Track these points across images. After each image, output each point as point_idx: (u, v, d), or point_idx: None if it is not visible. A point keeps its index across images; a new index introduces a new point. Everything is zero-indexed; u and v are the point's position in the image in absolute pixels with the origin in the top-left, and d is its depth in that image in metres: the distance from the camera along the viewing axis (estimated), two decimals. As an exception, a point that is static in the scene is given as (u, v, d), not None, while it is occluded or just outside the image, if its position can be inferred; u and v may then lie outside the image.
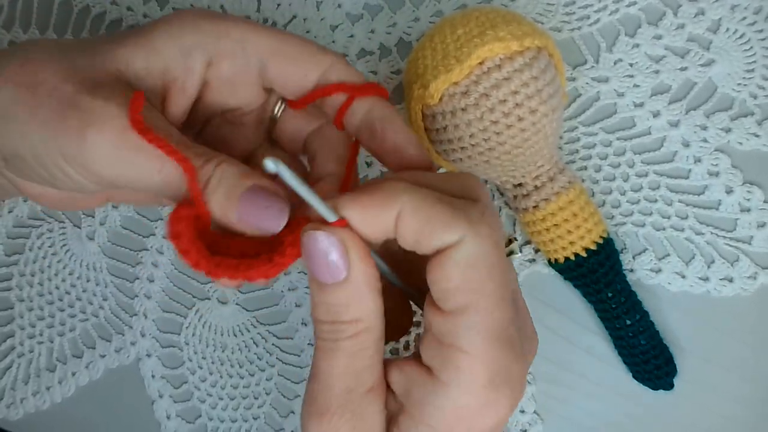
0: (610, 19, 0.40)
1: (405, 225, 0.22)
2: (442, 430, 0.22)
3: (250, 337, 0.41)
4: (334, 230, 0.22)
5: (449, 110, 0.32)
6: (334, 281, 0.22)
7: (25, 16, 0.46)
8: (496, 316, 0.22)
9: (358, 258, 0.22)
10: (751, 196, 0.37)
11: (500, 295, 0.22)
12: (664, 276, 0.38)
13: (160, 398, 0.41)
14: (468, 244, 0.21)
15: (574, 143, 0.39)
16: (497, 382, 0.22)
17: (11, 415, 0.42)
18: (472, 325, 0.22)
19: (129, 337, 0.41)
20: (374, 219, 0.22)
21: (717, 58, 0.38)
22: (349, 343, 0.23)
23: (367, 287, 0.23)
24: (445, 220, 0.22)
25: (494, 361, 0.22)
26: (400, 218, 0.22)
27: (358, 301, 0.23)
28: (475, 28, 0.32)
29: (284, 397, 0.40)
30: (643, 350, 0.36)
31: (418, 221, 0.22)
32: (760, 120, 0.38)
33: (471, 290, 0.22)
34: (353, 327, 0.23)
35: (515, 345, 0.23)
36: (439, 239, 0.22)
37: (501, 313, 0.22)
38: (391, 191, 0.22)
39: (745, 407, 0.37)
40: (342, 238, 0.22)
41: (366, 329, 0.23)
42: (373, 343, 0.23)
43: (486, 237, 0.22)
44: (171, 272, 0.42)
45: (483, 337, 0.22)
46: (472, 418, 0.22)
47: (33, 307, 0.42)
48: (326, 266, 0.22)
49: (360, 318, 0.23)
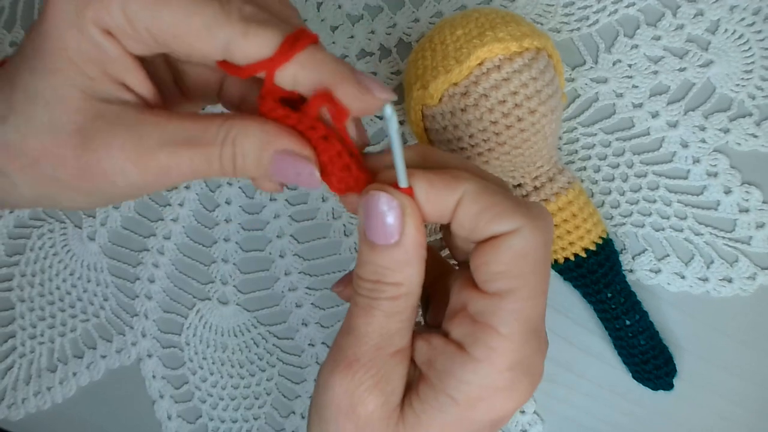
0: (609, 20, 0.40)
1: (466, 209, 0.23)
2: (464, 403, 0.23)
3: (251, 337, 0.41)
4: (397, 194, 0.23)
5: (449, 111, 0.32)
6: (386, 243, 0.23)
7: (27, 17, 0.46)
8: (534, 306, 0.23)
9: (414, 226, 0.23)
10: (749, 196, 0.38)
11: (541, 289, 0.23)
12: (663, 276, 0.38)
13: (161, 398, 0.41)
14: (525, 234, 0.22)
15: (573, 144, 0.39)
16: (523, 368, 0.23)
17: (12, 415, 0.42)
18: (512, 310, 0.23)
19: (130, 338, 0.42)
20: (437, 197, 0.23)
21: (715, 58, 0.39)
22: (387, 303, 0.24)
23: (416, 255, 0.24)
24: (507, 208, 0.23)
25: (524, 348, 0.23)
26: (461, 202, 0.23)
27: (404, 266, 0.23)
28: (474, 29, 0.32)
29: (285, 397, 0.40)
30: (642, 350, 0.36)
31: (479, 206, 0.23)
32: (759, 121, 0.38)
33: (518, 277, 0.22)
34: (394, 289, 0.24)
35: (542, 339, 0.24)
36: (498, 225, 0.22)
37: (538, 306, 0.23)
38: (457, 176, 0.23)
39: (745, 407, 0.37)
40: (403, 203, 0.23)
41: (406, 294, 0.24)
42: (409, 308, 0.24)
43: (542, 232, 0.23)
44: (172, 273, 0.42)
45: (519, 323, 0.23)
46: (493, 397, 0.23)
47: (34, 308, 0.42)
48: (382, 227, 0.23)
49: (402, 282, 0.24)
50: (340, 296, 0.29)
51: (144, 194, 0.26)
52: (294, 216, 0.41)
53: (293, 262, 0.41)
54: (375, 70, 0.41)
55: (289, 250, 0.41)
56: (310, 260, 0.41)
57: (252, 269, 0.41)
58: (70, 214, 0.43)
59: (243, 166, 0.25)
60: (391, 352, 0.24)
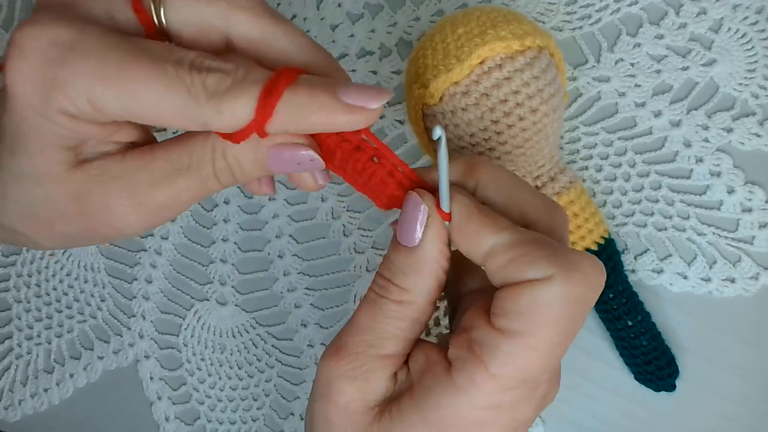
0: (612, 19, 0.39)
1: (496, 259, 0.22)
2: (436, 426, 0.23)
3: (249, 338, 0.41)
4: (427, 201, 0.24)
5: (450, 110, 0.32)
6: (405, 244, 0.24)
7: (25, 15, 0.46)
8: (538, 358, 0.22)
9: (432, 239, 0.24)
10: (752, 196, 0.37)
11: (552, 344, 0.22)
12: (665, 277, 0.38)
13: (159, 400, 0.41)
14: (554, 284, 0.21)
15: (575, 143, 0.39)
16: (502, 413, 0.23)
17: (9, 417, 0.41)
18: (510, 353, 0.22)
19: (127, 339, 0.41)
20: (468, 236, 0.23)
21: (718, 57, 0.38)
22: (389, 305, 0.24)
23: (428, 267, 0.24)
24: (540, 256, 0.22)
25: (508, 394, 0.22)
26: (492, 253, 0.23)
27: (414, 273, 0.24)
28: (475, 27, 0.32)
29: (283, 398, 0.40)
30: (644, 351, 0.36)
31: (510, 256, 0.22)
32: (762, 120, 0.38)
33: (530, 323, 0.21)
34: (400, 293, 0.24)
35: (536, 391, 0.23)
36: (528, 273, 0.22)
37: (541, 361, 0.22)
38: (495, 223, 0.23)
39: (747, 408, 0.37)
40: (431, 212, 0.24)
41: (409, 303, 0.24)
42: (410, 319, 0.24)
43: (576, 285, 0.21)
44: (169, 273, 0.41)
45: (512, 368, 0.22)
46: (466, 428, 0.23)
47: (31, 309, 0.42)
48: (409, 228, 0.24)
49: (409, 289, 0.24)
50: None
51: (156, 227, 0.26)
52: (293, 216, 0.41)
53: (292, 262, 0.40)
54: (375, 69, 0.41)
55: (288, 251, 0.41)
56: (309, 260, 0.40)
57: (250, 269, 0.41)
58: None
59: (242, 173, 0.25)
60: (380, 354, 0.24)
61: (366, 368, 0.24)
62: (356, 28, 0.41)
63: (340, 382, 0.24)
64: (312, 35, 0.42)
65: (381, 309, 0.24)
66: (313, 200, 0.41)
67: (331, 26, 0.41)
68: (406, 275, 0.24)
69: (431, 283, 0.24)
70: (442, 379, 0.23)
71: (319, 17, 0.42)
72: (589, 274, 0.22)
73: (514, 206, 0.25)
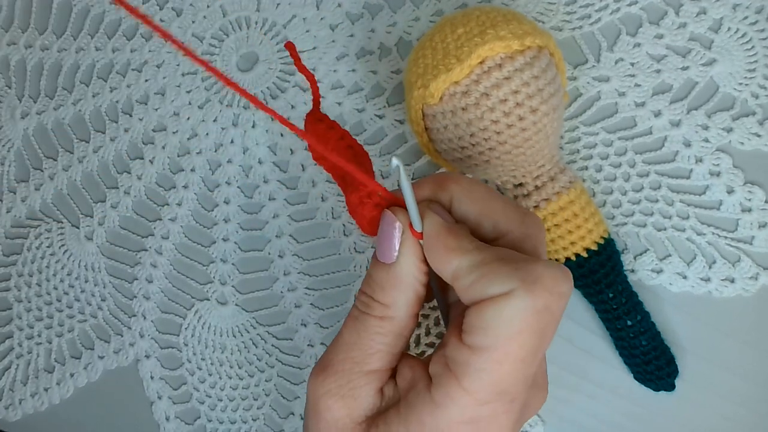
0: (612, 19, 0.39)
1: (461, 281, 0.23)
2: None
3: (250, 338, 0.41)
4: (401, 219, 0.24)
5: (449, 109, 0.32)
6: (383, 261, 0.25)
7: (24, 15, 0.46)
8: (506, 372, 0.22)
9: (408, 255, 0.24)
10: (752, 196, 0.37)
11: (520, 357, 0.22)
12: (665, 276, 0.38)
13: (159, 399, 0.41)
14: (516, 297, 0.22)
15: (575, 143, 0.39)
16: (480, 426, 0.23)
17: (9, 416, 0.41)
18: (480, 368, 0.22)
19: (128, 338, 0.41)
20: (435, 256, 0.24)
21: (718, 57, 0.38)
22: (372, 321, 0.25)
23: (407, 283, 0.24)
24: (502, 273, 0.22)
25: (485, 407, 0.23)
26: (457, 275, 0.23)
27: (393, 288, 0.24)
28: (475, 27, 0.32)
29: (284, 398, 0.40)
30: (644, 351, 0.36)
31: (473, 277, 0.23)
32: (762, 120, 0.38)
33: (495, 338, 0.22)
34: (381, 309, 0.25)
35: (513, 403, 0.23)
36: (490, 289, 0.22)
37: (513, 373, 0.22)
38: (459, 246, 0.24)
39: (747, 408, 0.37)
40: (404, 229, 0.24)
41: (390, 318, 0.25)
42: (392, 334, 0.25)
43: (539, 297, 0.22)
44: (170, 273, 0.41)
45: (484, 383, 0.22)
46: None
47: (31, 308, 0.42)
48: (386, 245, 0.24)
49: (388, 304, 0.24)
50: None
51: None
52: (293, 216, 0.41)
53: (292, 262, 0.40)
54: (375, 69, 0.41)
55: (289, 250, 0.41)
56: (309, 260, 0.40)
57: (251, 269, 0.41)
58: (68, 213, 0.43)
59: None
60: (365, 369, 0.25)
61: (352, 385, 0.25)
62: (356, 28, 0.41)
63: (328, 399, 0.25)
64: (312, 35, 0.42)
65: (364, 325, 0.25)
66: (313, 200, 0.41)
67: (331, 26, 0.41)
68: (385, 291, 0.24)
69: (410, 297, 0.25)
70: (423, 395, 0.23)
71: (319, 17, 0.42)
72: (551, 284, 0.22)
73: (487, 217, 0.25)
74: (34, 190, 0.44)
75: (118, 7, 0.44)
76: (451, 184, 0.26)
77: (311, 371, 0.25)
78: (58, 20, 0.45)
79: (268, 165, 0.41)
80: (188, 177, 0.42)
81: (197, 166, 0.42)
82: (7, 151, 0.44)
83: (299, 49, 0.42)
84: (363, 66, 0.41)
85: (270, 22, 0.42)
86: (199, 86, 0.43)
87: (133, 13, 0.20)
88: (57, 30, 0.45)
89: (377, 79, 0.41)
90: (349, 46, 0.41)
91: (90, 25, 0.45)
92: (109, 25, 0.44)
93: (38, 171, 0.44)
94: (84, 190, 0.43)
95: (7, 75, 0.45)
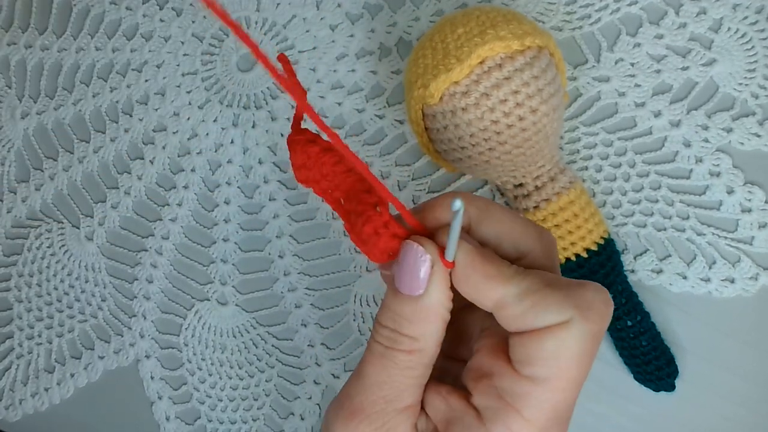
0: (612, 19, 0.39)
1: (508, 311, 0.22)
2: None
3: (250, 338, 0.41)
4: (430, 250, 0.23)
5: (449, 110, 0.32)
6: (410, 294, 0.23)
7: (24, 15, 0.46)
8: (567, 398, 0.22)
9: (439, 287, 0.23)
10: (752, 196, 0.37)
11: (579, 382, 0.22)
12: (665, 277, 0.38)
13: (159, 400, 0.41)
14: (574, 327, 0.21)
15: (575, 143, 0.39)
16: None
17: (10, 416, 0.41)
18: (543, 399, 0.22)
19: (128, 339, 0.41)
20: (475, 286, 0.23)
21: (718, 57, 0.38)
22: (401, 356, 0.23)
23: (436, 315, 0.23)
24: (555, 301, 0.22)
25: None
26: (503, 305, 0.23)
27: (423, 321, 0.23)
28: (475, 27, 0.32)
29: (284, 398, 0.40)
30: (644, 351, 0.36)
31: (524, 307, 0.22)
32: (762, 120, 0.38)
33: (557, 367, 0.22)
34: (410, 343, 0.23)
35: (566, 423, 0.23)
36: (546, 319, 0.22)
37: (571, 398, 0.22)
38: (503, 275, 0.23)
39: (747, 408, 0.37)
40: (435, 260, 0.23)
41: (420, 350, 0.23)
42: (423, 366, 0.24)
43: (593, 323, 0.22)
44: (170, 273, 0.41)
45: (547, 412, 0.22)
46: None
47: (32, 308, 0.42)
48: (410, 277, 0.23)
49: (418, 338, 0.23)
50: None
51: None
52: (293, 216, 0.41)
53: (292, 262, 0.41)
54: (375, 69, 0.41)
55: (289, 251, 0.41)
56: (309, 260, 0.40)
57: (251, 270, 0.41)
58: (68, 214, 0.43)
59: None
60: (399, 407, 0.24)
61: (388, 426, 0.23)
62: (356, 28, 0.41)
63: None
64: (311, 35, 0.42)
65: (393, 361, 0.23)
66: (313, 200, 0.41)
67: (330, 26, 0.41)
68: (412, 324, 0.23)
69: (439, 328, 0.24)
70: (475, 428, 0.23)
71: (319, 17, 0.42)
72: (602, 309, 0.22)
73: (508, 238, 0.24)
74: (34, 190, 0.44)
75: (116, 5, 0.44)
76: (467, 206, 0.25)
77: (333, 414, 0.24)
78: (58, 20, 0.45)
79: (268, 165, 0.41)
80: (188, 177, 0.42)
81: (197, 166, 0.42)
82: (8, 151, 0.44)
83: (299, 48, 0.42)
84: (363, 66, 0.41)
85: (270, 22, 0.42)
86: (199, 86, 0.43)
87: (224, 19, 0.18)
88: (57, 30, 0.45)
89: (377, 79, 0.41)
90: (349, 47, 0.41)
91: (90, 25, 0.45)
92: (109, 25, 0.44)
93: (38, 171, 0.44)
94: (84, 191, 0.43)
95: (7, 75, 0.45)
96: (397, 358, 0.23)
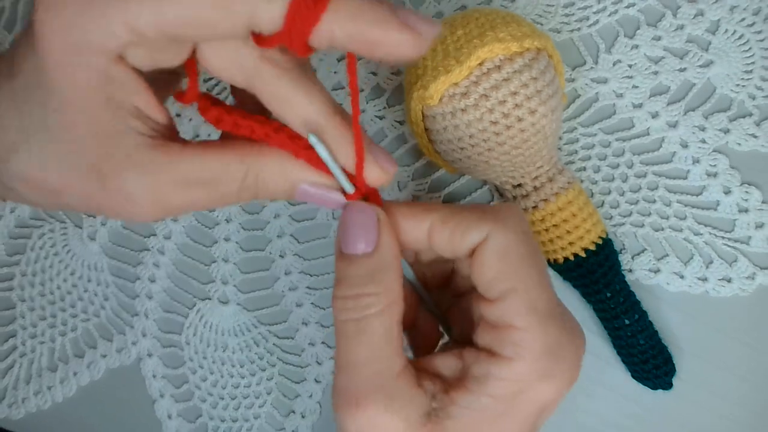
0: (609, 21, 0.40)
1: (439, 235, 0.25)
2: (505, 400, 0.24)
3: (251, 337, 0.41)
4: (374, 207, 0.25)
5: (449, 111, 0.32)
6: (364, 252, 0.24)
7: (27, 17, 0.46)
8: (537, 294, 0.24)
9: (389, 235, 0.25)
10: (749, 196, 0.38)
11: (536, 279, 0.24)
12: (662, 276, 0.38)
13: (161, 398, 0.41)
14: (496, 237, 0.24)
15: (573, 144, 0.39)
16: (553, 354, 0.24)
17: (13, 414, 0.42)
18: (519, 304, 0.24)
19: (130, 337, 0.42)
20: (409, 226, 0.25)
21: (716, 59, 0.39)
22: (376, 323, 0.23)
23: (393, 262, 0.24)
24: (472, 221, 0.24)
25: (546, 334, 0.24)
26: (433, 231, 0.25)
27: (384, 272, 0.24)
28: (474, 29, 0.32)
29: (285, 396, 0.40)
30: (641, 350, 0.36)
31: (449, 229, 0.25)
32: (759, 121, 0.38)
33: (508, 276, 0.24)
34: (378, 300, 0.24)
35: (564, 320, 0.25)
36: (469, 239, 0.24)
37: (541, 293, 0.24)
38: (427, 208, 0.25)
39: (744, 407, 0.37)
40: (378, 214, 0.25)
41: (389, 305, 0.24)
42: (396, 324, 0.24)
43: (512, 229, 0.24)
44: (172, 272, 0.42)
45: (530, 313, 0.24)
46: (532, 388, 0.24)
47: (34, 307, 0.42)
48: (359, 236, 0.24)
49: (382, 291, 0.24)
50: None
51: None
52: (294, 216, 0.41)
53: (293, 261, 0.41)
54: (375, 69, 0.41)
55: (290, 250, 0.41)
56: (310, 260, 0.41)
57: (252, 269, 0.41)
58: (71, 214, 0.43)
59: (265, 195, 0.25)
60: (394, 373, 0.23)
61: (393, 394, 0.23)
62: (356, 30, 0.41)
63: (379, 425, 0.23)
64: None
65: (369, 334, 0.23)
66: (313, 200, 0.41)
67: (331, 28, 0.42)
68: (374, 279, 0.24)
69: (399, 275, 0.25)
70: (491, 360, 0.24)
71: (320, 19, 0.42)
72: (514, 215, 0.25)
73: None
74: (37, 190, 0.44)
75: None
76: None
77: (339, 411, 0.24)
78: (60, 22, 0.45)
79: (269, 165, 0.42)
80: (190, 177, 0.42)
81: (199, 166, 0.42)
82: (11, 151, 0.45)
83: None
84: (363, 67, 0.41)
85: (271, 24, 0.43)
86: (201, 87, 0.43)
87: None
88: (60, 31, 0.45)
89: (377, 80, 0.41)
90: (349, 48, 0.41)
91: (92, 27, 0.45)
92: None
93: (41, 171, 0.44)
94: (87, 191, 0.43)
95: (10, 76, 0.45)
96: (372, 327, 0.23)
